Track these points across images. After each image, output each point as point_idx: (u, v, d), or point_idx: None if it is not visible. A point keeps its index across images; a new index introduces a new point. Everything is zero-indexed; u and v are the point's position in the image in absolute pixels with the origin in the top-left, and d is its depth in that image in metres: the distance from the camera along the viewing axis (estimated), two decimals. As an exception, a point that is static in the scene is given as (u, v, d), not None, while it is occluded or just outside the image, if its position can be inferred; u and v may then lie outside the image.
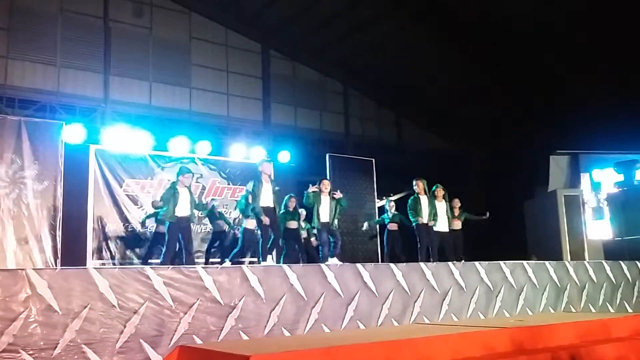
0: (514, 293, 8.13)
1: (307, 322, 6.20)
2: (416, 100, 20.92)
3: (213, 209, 11.73)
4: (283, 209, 10.46)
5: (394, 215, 11.76)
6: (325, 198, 9.86)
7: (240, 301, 5.76)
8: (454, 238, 10.95)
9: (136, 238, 11.94)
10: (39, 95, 15.27)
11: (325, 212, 9.85)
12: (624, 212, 11.93)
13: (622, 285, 9.45)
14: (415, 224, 10.21)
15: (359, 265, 6.89)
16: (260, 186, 8.97)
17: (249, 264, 10.45)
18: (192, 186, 11.79)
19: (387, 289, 6.92)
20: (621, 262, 9.75)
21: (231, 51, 18.75)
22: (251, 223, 10.58)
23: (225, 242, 12.24)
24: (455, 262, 8.43)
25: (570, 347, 6.08)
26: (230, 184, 13.73)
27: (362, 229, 13.57)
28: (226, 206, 13.48)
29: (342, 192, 10.85)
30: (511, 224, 16.01)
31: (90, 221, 11.73)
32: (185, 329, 5.39)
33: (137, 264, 11.21)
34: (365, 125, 21.54)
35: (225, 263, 9.90)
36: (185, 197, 9.02)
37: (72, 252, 10.37)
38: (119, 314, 5.07)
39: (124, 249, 12.01)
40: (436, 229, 10.34)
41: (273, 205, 9.06)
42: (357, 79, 21.04)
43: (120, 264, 11.58)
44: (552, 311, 8.46)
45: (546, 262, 8.78)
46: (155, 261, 10.59)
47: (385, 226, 11.93)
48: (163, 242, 10.31)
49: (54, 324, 4.78)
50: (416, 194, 10.31)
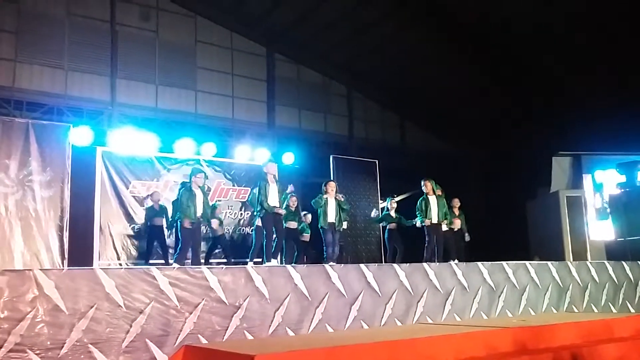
0: (516, 293, 8.14)
1: (311, 322, 6.23)
2: (418, 102, 20.93)
3: (214, 211, 11.81)
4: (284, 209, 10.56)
5: (396, 216, 11.81)
6: (331, 200, 9.97)
7: (244, 301, 5.81)
8: (454, 237, 11.01)
9: (142, 239, 12.02)
10: (47, 98, 15.37)
11: (332, 214, 9.97)
12: (626, 213, 11.92)
13: (624, 286, 9.45)
14: (423, 224, 10.29)
15: (362, 266, 6.92)
16: (267, 187, 9.06)
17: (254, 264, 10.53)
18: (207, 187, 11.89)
19: (391, 289, 6.95)
20: (623, 262, 9.74)
21: (236, 54, 18.82)
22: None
23: (225, 245, 12.39)
24: (457, 262, 8.48)
25: (572, 347, 6.08)
26: (235, 185, 13.82)
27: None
28: (231, 207, 13.58)
29: (346, 194, 10.99)
30: (514, 224, 16.06)
31: (97, 222, 11.84)
32: (191, 328, 5.42)
33: (143, 265, 11.29)
34: (369, 128, 21.57)
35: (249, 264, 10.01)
36: (200, 198, 9.11)
37: (79, 253, 10.45)
38: (125, 314, 5.11)
39: (130, 249, 12.11)
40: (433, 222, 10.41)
41: (279, 205, 9.15)
42: (361, 81, 21.07)
43: (126, 264, 11.68)
44: (555, 311, 8.46)
45: (549, 263, 8.78)
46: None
47: (385, 226, 11.98)
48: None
49: (61, 323, 4.82)
50: (425, 195, 10.40)
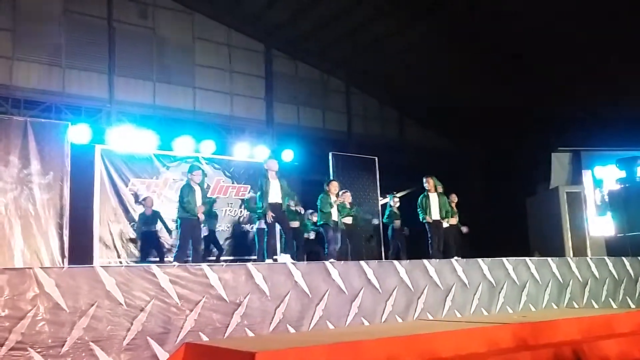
0: (516, 289, 8.16)
1: (312, 318, 6.24)
2: (418, 98, 20.89)
3: (212, 207, 11.82)
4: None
5: (399, 213, 11.79)
6: (333, 199, 10.01)
7: (245, 298, 5.81)
8: (454, 233, 11.01)
9: (142, 236, 12.01)
10: (45, 96, 15.32)
11: (334, 212, 10.01)
12: (626, 209, 11.93)
13: (624, 281, 9.47)
14: (425, 221, 10.30)
15: (362, 263, 6.92)
16: (267, 183, 9.05)
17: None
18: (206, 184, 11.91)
19: (391, 285, 6.95)
20: (623, 258, 9.77)
21: (234, 51, 18.78)
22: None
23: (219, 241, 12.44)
24: (458, 258, 8.48)
25: (573, 342, 6.09)
26: (235, 182, 13.81)
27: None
28: (230, 205, 13.58)
29: (348, 191, 11.06)
30: (513, 220, 16.08)
31: (97, 220, 11.83)
32: (192, 326, 5.42)
33: (143, 262, 11.29)
34: (368, 124, 21.55)
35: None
36: (198, 194, 9.09)
37: (79, 251, 10.44)
38: (125, 312, 5.11)
39: (130, 247, 12.10)
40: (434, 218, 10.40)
41: (281, 201, 9.11)
42: (360, 77, 21.03)
43: (126, 262, 11.67)
44: (555, 307, 8.48)
45: (549, 259, 8.80)
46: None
47: (390, 224, 11.93)
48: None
49: (62, 322, 4.81)
50: (426, 192, 10.40)
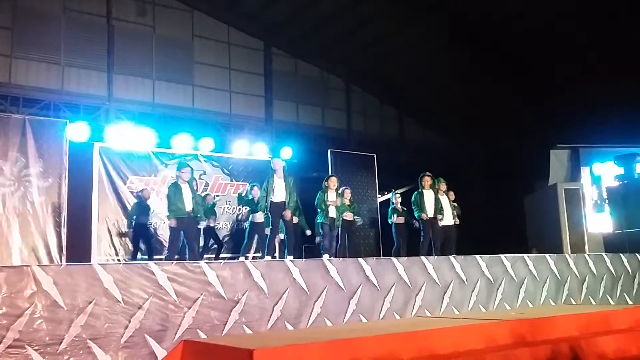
0: (514, 286, 8.15)
1: (310, 316, 6.24)
2: (417, 96, 20.91)
3: (213, 206, 11.83)
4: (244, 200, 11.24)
5: (402, 209, 11.76)
6: (332, 194, 9.94)
7: (243, 296, 5.81)
8: (451, 230, 10.98)
9: (140, 234, 12.02)
10: (43, 93, 15.34)
11: (332, 208, 9.96)
12: (624, 205, 11.94)
13: (622, 278, 9.47)
14: (420, 218, 10.27)
15: (361, 260, 6.92)
16: (271, 182, 9.05)
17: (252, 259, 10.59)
18: (195, 182, 11.94)
19: (389, 282, 6.95)
20: (621, 254, 9.76)
21: (233, 49, 18.78)
22: (258, 217, 10.86)
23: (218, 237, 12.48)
24: (455, 255, 8.48)
25: (570, 339, 6.09)
26: (233, 180, 13.82)
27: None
28: (229, 202, 13.59)
29: (348, 187, 11.10)
30: (512, 217, 16.08)
31: (95, 218, 11.84)
32: (190, 323, 5.42)
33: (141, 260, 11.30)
34: (367, 122, 21.56)
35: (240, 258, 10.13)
36: (187, 192, 9.01)
37: (77, 249, 10.45)
38: (123, 309, 5.11)
39: (128, 245, 12.10)
40: (442, 223, 10.37)
41: (285, 199, 9.08)
42: (359, 75, 21.05)
43: (124, 260, 11.68)
44: (553, 303, 8.47)
45: (547, 255, 8.79)
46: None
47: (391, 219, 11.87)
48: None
49: (59, 319, 4.81)
50: (420, 189, 10.33)
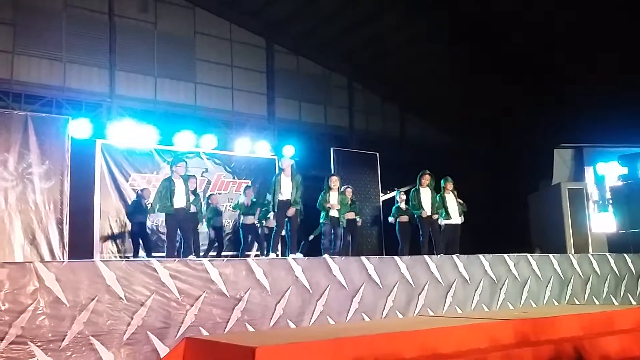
0: (517, 285, 8.15)
1: (312, 314, 6.24)
2: (420, 94, 20.85)
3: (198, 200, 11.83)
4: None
5: (407, 207, 11.68)
6: (334, 194, 9.88)
7: (246, 293, 5.80)
8: (459, 230, 10.92)
9: (140, 233, 11.96)
10: (45, 90, 15.31)
11: (334, 208, 9.92)
12: (628, 205, 11.91)
13: (625, 278, 9.47)
14: (418, 216, 10.22)
15: (363, 258, 6.91)
16: (279, 180, 9.03)
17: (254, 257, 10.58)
18: (198, 180, 11.94)
19: (392, 281, 6.95)
20: (625, 254, 9.76)
21: (235, 46, 18.75)
22: (248, 219, 11.30)
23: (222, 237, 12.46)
24: (459, 254, 8.44)
25: (573, 339, 6.11)
26: (235, 178, 13.78)
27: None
28: (231, 200, 13.56)
29: (350, 186, 11.10)
30: (515, 217, 16.06)
31: (97, 215, 11.81)
32: (192, 320, 5.43)
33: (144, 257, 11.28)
34: (370, 120, 21.51)
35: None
36: (181, 188, 8.93)
37: (79, 246, 10.44)
38: (126, 306, 5.10)
39: (131, 242, 12.07)
40: (449, 221, 10.32)
41: (291, 198, 9.02)
42: (362, 73, 21.00)
43: (126, 257, 11.65)
44: (556, 303, 8.48)
45: (550, 255, 8.79)
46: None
47: (396, 219, 11.76)
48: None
49: (62, 316, 4.81)
50: (417, 187, 10.28)
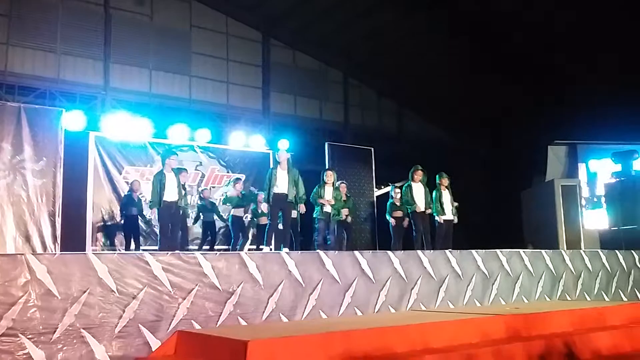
0: (510, 281, 8.16)
1: (305, 308, 6.23)
2: (416, 89, 20.85)
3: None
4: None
5: (401, 203, 11.70)
6: (329, 189, 9.87)
7: (238, 287, 5.79)
8: (452, 227, 10.94)
9: (132, 226, 11.94)
10: (39, 82, 15.25)
11: (328, 204, 9.93)
12: (620, 202, 11.98)
13: (617, 274, 9.49)
14: (411, 212, 10.23)
15: (356, 253, 6.91)
16: (274, 173, 9.02)
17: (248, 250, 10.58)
18: (192, 173, 11.92)
19: (385, 276, 6.94)
20: (617, 251, 9.78)
21: (231, 39, 18.70)
22: (238, 211, 11.46)
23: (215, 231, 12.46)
24: (451, 250, 8.46)
25: (565, 334, 6.12)
26: (230, 171, 13.78)
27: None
28: (225, 194, 13.54)
29: (344, 182, 11.07)
30: (508, 213, 16.10)
31: (90, 208, 11.79)
32: (184, 314, 5.41)
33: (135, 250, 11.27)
34: (365, 115, 21.51)
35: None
36: (172, 181, 8.91)
37: (71, 239, 10.43)
38: (118, 299, 5.08)
39: (123, 235, 12.05)
40: (443, 217, 10.33)
41: (286, 192, 9.02)
42: (358, 68, 20.99)
43: (118, 250, 11.63)
44: (548, 299, 8.49)
45: (542, 251, 8.80)
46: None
47: (390, 214, 11.77)
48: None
49: (53, 308, 4.79)
50: (409, 182, 10.30)
